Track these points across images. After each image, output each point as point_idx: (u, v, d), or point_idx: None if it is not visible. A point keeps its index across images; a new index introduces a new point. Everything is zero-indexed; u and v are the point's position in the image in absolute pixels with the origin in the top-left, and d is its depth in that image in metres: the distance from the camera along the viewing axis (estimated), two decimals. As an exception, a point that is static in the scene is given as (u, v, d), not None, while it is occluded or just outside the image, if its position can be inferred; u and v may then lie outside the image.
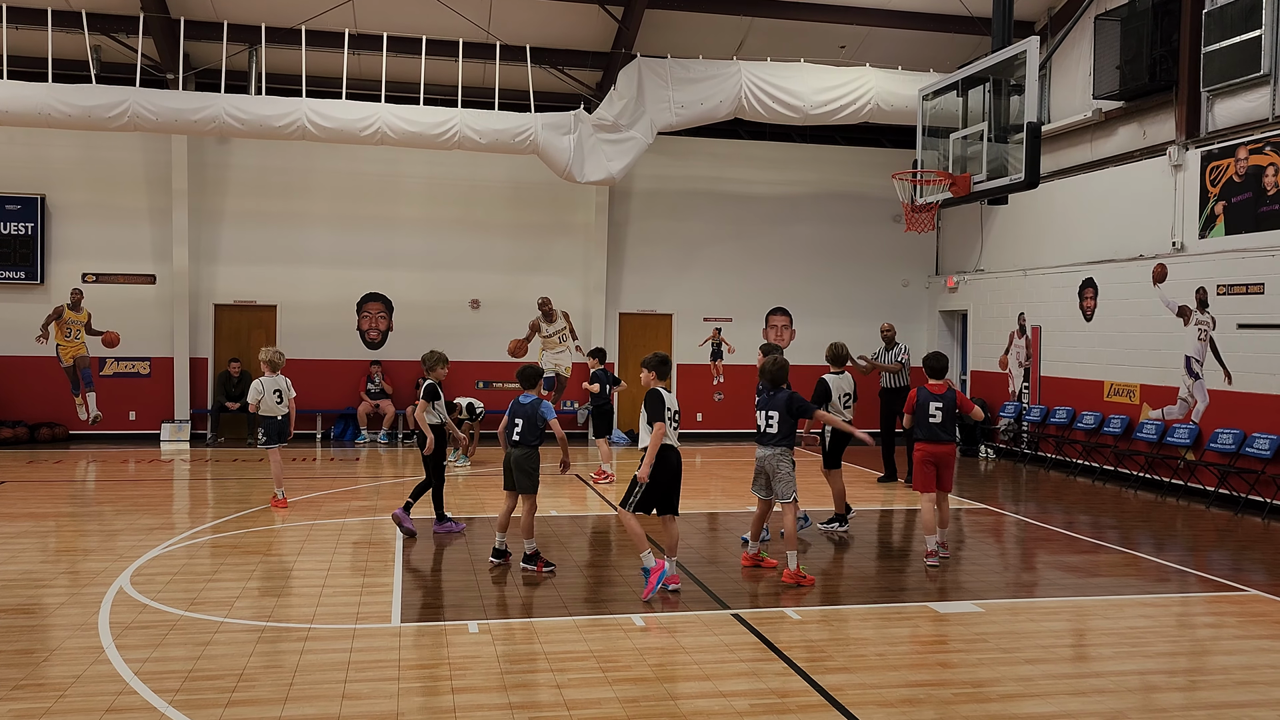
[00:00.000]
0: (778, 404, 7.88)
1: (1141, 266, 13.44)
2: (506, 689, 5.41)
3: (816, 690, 5.46)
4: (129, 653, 5.88)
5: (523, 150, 14.86)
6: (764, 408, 7.97)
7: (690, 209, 18.23)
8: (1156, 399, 13.16)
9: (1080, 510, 11.55)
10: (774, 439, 7.87)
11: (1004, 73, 10.52)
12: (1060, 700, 5.39)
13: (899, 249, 18.71)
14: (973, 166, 10.90)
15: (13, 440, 15.61)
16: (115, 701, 5.14)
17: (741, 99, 14.89)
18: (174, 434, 16.29)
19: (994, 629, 6.68)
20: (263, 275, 16.86)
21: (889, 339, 13.39)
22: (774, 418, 7.87)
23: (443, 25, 14.73)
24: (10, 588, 7.36)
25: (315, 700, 5.20)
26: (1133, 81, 13.49)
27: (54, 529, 9.59)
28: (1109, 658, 6.18)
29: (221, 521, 9.94)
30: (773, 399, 7.94)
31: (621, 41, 15.44)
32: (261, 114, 13.95)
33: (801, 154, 18.60)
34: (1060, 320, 15.14)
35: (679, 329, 18.33)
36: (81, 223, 16.32)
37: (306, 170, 16.86)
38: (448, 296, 17.40)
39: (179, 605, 6.91)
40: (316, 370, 16.92)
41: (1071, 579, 8.25)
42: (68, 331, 15.83)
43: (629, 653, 6.06)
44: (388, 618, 6.74)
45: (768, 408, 7.94)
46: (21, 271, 15.94)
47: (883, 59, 15.81)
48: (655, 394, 7.52)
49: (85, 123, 13.72)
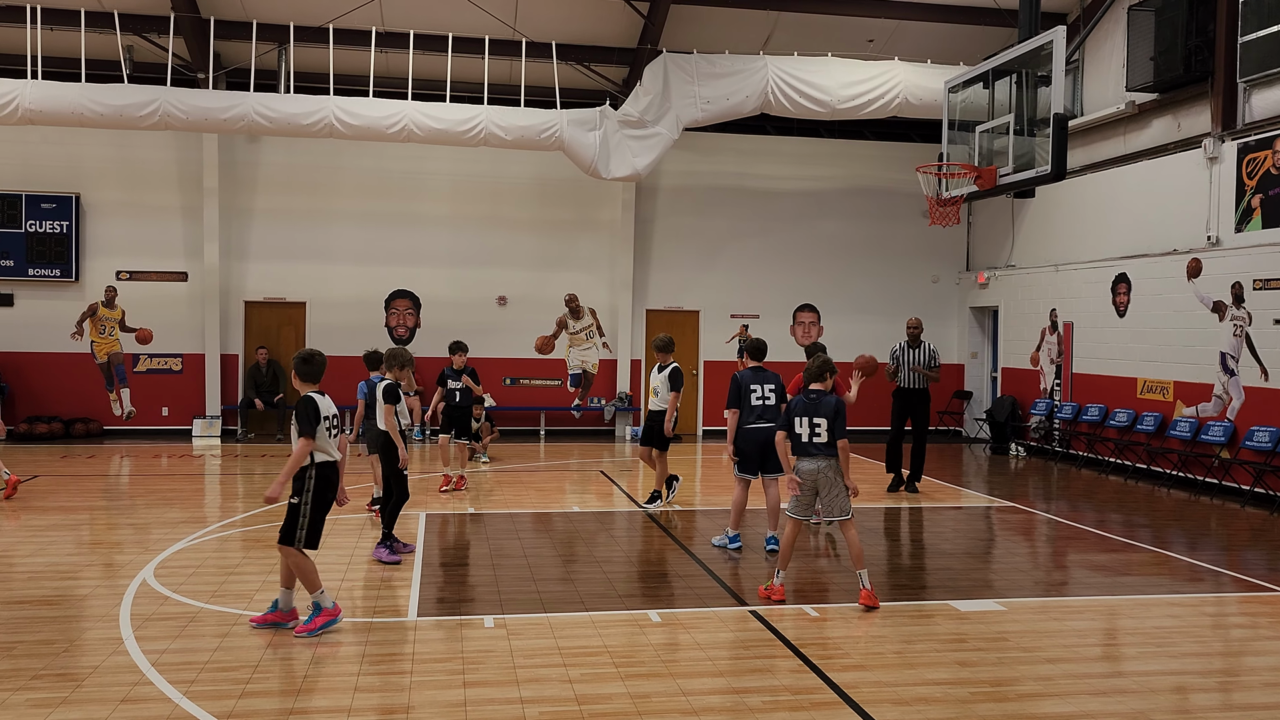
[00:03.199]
0: (826, 410, 7.06)
1: (1175, 261, 13.20)
2: (519, 683, 5.39)
3: (830, 687, 5.40)
4: (148, 644, 5.94)
5: (548, 147, 14.87)
6: (807, 414, 7.07)
7: (717, 205, 18.16)
8: (1191, 396, 12.91)
9: (1111, 509, 11.36)
10: (824, 449, 7.02)
11: (1031, 64, 10.36)
12: (1080, 700, 5.29)
13: (928, 245, 18.52)
14: (999, 160, 10.75)
15: (48, 435, 15.87)
16: (131, 692, 5.18)
17: (768, 94, 14.80)
18: (205, 429, 16.48)
19: (1016, 628, 6.57)
20: (292, 272, 17.01)
21: (914, 336, 12.32)
22: (821, 425, 7.02)
23: (469, 22, 14.77)
24: (37, 579, 7.46)
25: (327, 693, 5.22)
26: (1167, 73, 13.25)
27: (83, 522, 9.72)
28: (1133, 658, 6.06)
29: (248, 515, 10.03)
30: (819, 404, 7.09)
31: (647, 37, 15.39)
32: (290, 112, 14.07)
33: (829, 149, 18.46)
34: (1093, 316, 14.90)
35: (705, 325, 18.27)
36: (115, 221, 16.56)
37: (334, 168, 16.99)
38: (474, 293, 17.46)
39: (200, 598, 6.97)
40: (345, 367, 17.01)
41: (1099, 578, 8.11)
42: (102, 328, 16.06)
43: (643, 648, 6.03)
44: (404, 611, 6.76)
45: (813, 414, 7.07)
46: (57, 269, 16.20)
47: (911, 53, 15.66)
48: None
49: (117, 122, 13.92)
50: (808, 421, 7.06)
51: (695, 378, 18.27)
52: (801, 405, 7.13)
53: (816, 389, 7.21)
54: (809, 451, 7.06)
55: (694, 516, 10.40)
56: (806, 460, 7.06)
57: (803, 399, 7.17)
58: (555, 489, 12.06)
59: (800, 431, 7.07)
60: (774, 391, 8.69)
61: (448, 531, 9.43)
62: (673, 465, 11.27)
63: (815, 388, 7.23)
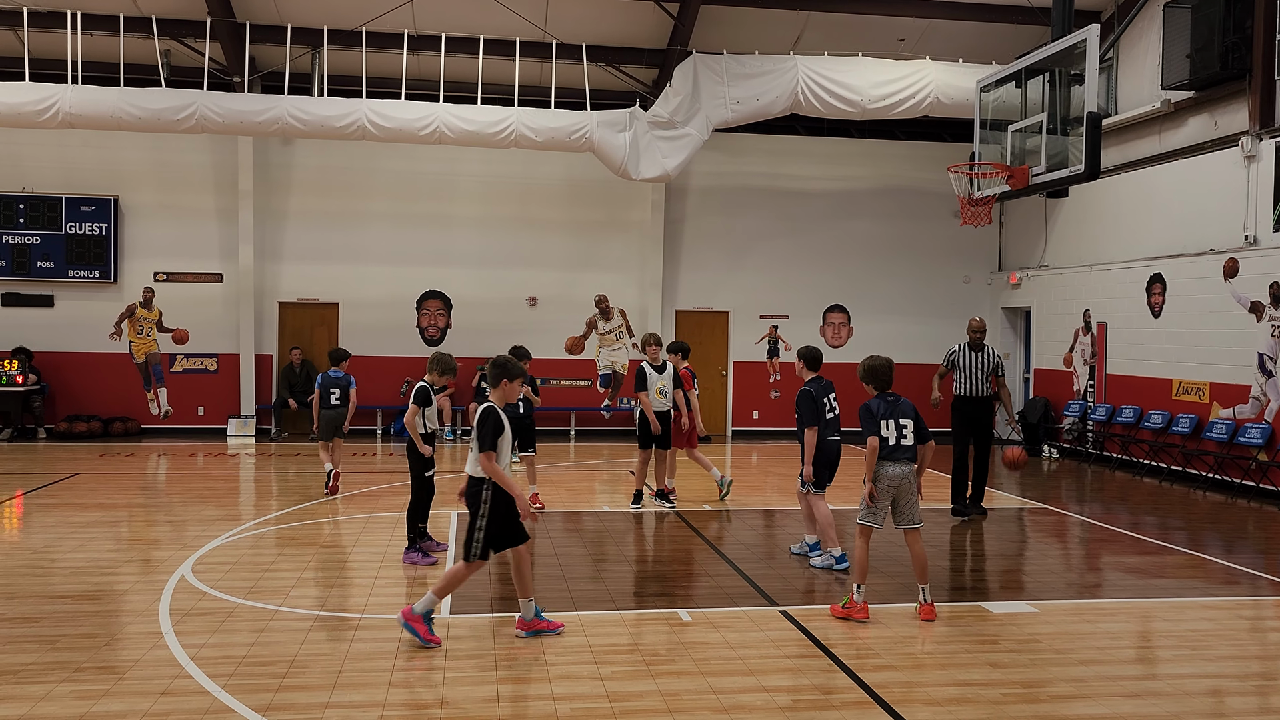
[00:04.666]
0: (908, 411, 6.80)
1: (1212, 261, 13.04)
2: (550, 680, 5.44)
3: (861, 687, 5.40)
4: (187, 638, 6.05)
5: (579, 148, 14.93)
6: (891, 416, 6.75)
7: (746, 205, 18.15)
8: (1227, 398, 12.75)
9: (1146, 511, 11.25)
10: (911, 453, 6.78)
11: (1065, 63, 10.28)
12: (1113, 702, 5.26)
13: (960, 245, 18.41)
14: (1032, 159, 10.68)
15: (87, 434, 16.15)
16: (171, 685, 5.28)
17: (798, 94, 14.78)
18: (240, 429, 16.69)
19: (1048, 630, 6.53)
20: (325, 273, 17.20)
21: (977, 340, 10.55)
22: (908, 426, 6.75)
23: (500, 25, 14.87)
24: (78, 574, 7.61)
25: (363, 688, 5.29)
26: (1203, 70, 13.10)
27: (122, 519, 9.89)
28: (1168, 660, 6.01)
29: (283, 513, 10.16)
30: (899, 406, 6.80)
31: (677, 38, 15.42)
32: (323, 115, 14.22)
33: (859, 149, 18.39)
34: (1127, 317, 14.75)
35: (735, 326, 18.27)
36: (153, 223, 16.83)
37: (367, 170, 17.15)
38: (505, 294, 17.57)
39: (237, 593, 7.08)
40: (377, 367, 17.22)
41: (1133, 580, 8.04)
42: (140, 329, 16.26)
43: (674, 647, 6.06)
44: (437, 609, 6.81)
45: (898, 415, 6.76)
46: (96, 270, 16.48)
47: (943, 52, 15.57)
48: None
49: (155, 125, 14.13)
50: (894, 424, 6.74)
51: (725, 379, 18.28)
52: (882, 408, 6.79)
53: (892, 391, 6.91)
54: (897, 455, 6.72)
55: (721, 516, 10.40)
56: (893, 465, 6.72)
57: (882, 402, 6.83)
58: (585, 488, 12.11)
59: (890, 435, 6.73)
60: (838, 401, 8.44)
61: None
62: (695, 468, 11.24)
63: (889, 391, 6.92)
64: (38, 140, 16.08)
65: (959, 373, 10.55)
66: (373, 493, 11.47)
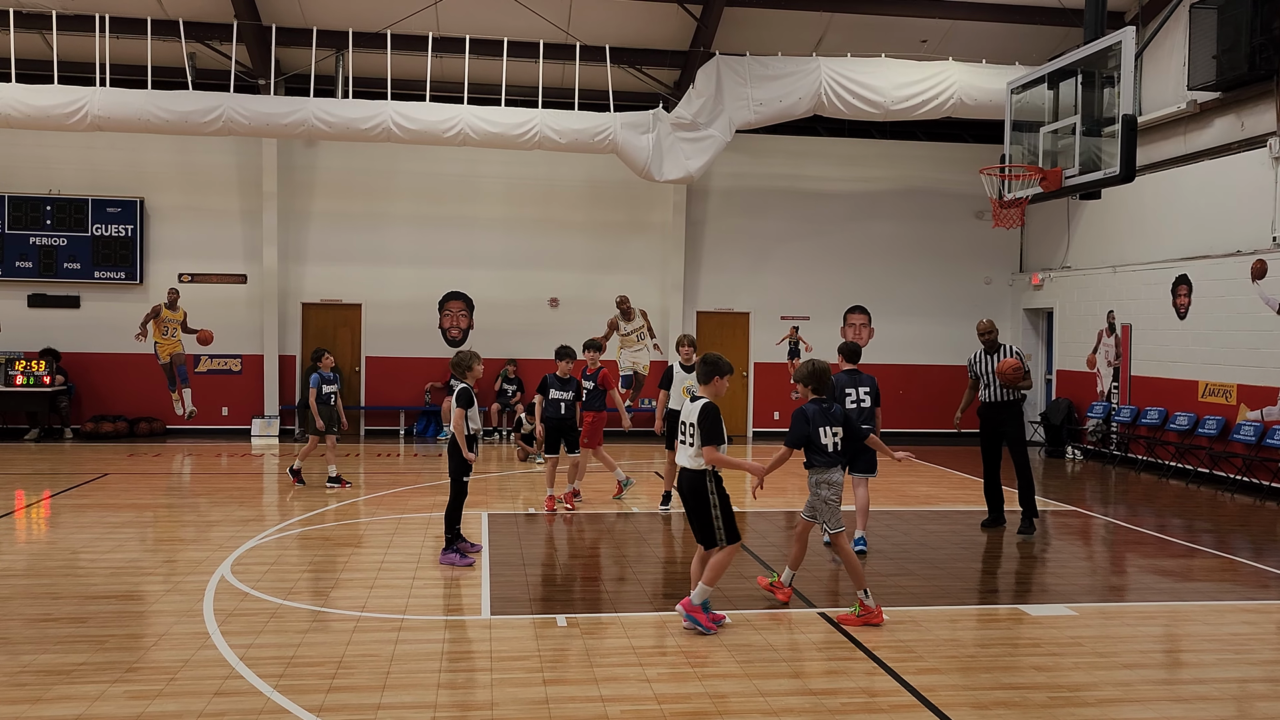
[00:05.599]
0: (838, 419, 6.92)
1: (1239, 262, 13.00)
2: (597, 682, 5.47)
3: (907, 690, 5.41)
4: (233, 639, 6.10)
5: (602, 150, 14.96)
6: (826, 423, 6.85)
7: (768, 207, 18.17)
8: (1255, 399, 12.71)
9: (1173, 513, 11.22)
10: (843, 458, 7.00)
11: (1096, 64, 10.27)
12: (1162, 707, 5.26)
13: (981, 246, 18.39)
14: (1062, 160, 10.67)
15: (113, 434, 16.26)
16: (223, 685, 5.33)
17: (821, 96, 14.78)
18: (264, 429, 16.78)
19: (1088, 633, 6.54)
20: (348, 274, 17.28)
21: (990, 341, 9.94)
22: (838, 434, 6.90)
23: (523, 27, 14.91)
24: (119, 575, 7.67)
25: (412, 689, 5.33)
26: (1230, 71, 13.05)
27: (156, 520, 9.96)
28: (1211, 664, 6.01)
29: (312, 514, 10.22)
30: (833, 414, 6.90)
31: (700, 40, 15.44)
32: (348, 117, 14.29)
33: (881, 150, 18.39)
34: (1152, 318, 14.71)
35: (756, 327, 18.29)
36: (178, 224, 16.93)
37: (390, 171, 17.23)
38: (527, 295, 17.62)
39: (277, 594, 7.13)
40: (399, 368, 17.30)
41: (1166, 583, 8.03)
42: (165, 330, 16.42)
43: (716, 648, 6.08)
44: (477, 610, 6.86)
45: (831, 423, 6.86)
46: (122, 272, 16.59)
47: (966, 53, 15.56)
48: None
49: (183, 128, 14.21)
50: (830, 431, 6.83)
51: (745, 379, 18.29)
52: (818, 416, 6.83)
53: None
54: (835, 462, 6.86)
55: (747, 518, 10.42)
56: (836, 471, 6.89)
57: (816, 407, 6.85)
58: (610, 489, 12.12)
59: (826, 442, 6.82)
60: (869, 394, 8.71)
61: (509, 531, 9.54)
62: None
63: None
64: (64, 143, 16.19)
65: (981, 379, 10.01)
66: (401, 493, 11.52)
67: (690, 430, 6.44)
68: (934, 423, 18.08)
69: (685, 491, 6.48)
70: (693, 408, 6.46)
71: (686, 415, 6.50)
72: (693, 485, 6.42)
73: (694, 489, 6.42)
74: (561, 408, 10.49)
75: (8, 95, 13.74)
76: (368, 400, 17.43)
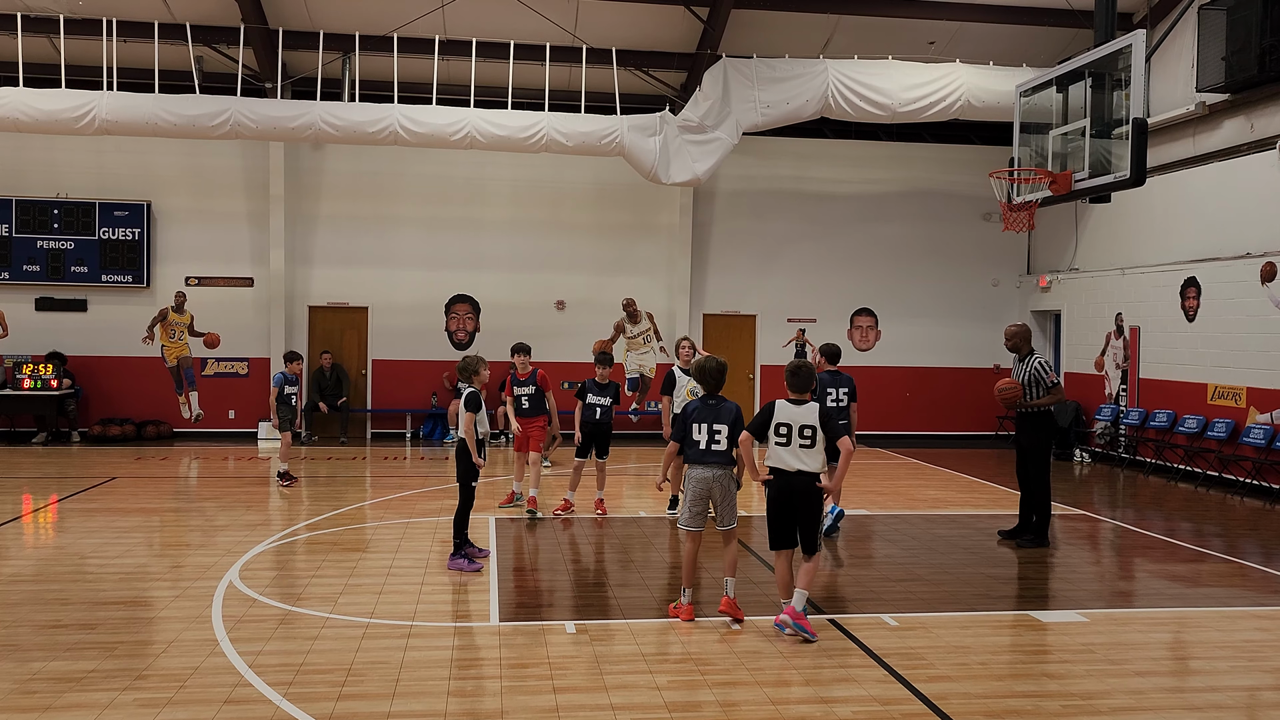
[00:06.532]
0: (726, 417, 6.84)
1: (1248, 265, 12.94)
2: (607, 689, 5.45)
3: (919, 698, 5.39)
4: (242, 645, 6.09)
5: (609, 152, 14.95)
6: (706, 420, 6.81)
7: (774, 209, 18.14)
8: (1265, 402, 12.66)
9: (1182, 517, 11.18)
10: (722, 457, 6.89)
11: (1106, 67, 10.22)
12: (1175, 715, 5.23)
13: (989, 248, 18.35)
14: (1072, 163, 10.63)
15: (120, 437, 16.28)
16: (233, 693, 5.32)
17: (828, 98, 14.75)
18: (270, 432, 16.75)
19: (1100, 639, 6.50)
20: (355, 277, 17.28)
21: (1011, 347, 9.63)
22: (721, 432, 6.83)
23: (530, 30, 14.90)
24: (128, 580, 7.67)
25: (422, 696, 5.32)
26: (1240, 73, 13.01)
27: (165, 525, 9.97)
28: (1224, 671, 5.97)
29: (318, 519, 10.21)
30: (720, 410, 6.86)
31: (707, 42, 15.42)
32: (356, 120, 14.29)
33: (887, 152, 18.35)
34: (1161, 321, 14.66)
35: (763, 330, 18.25)
36: (184, 227, 16.95)
37: (396, 174, 17.23)
38: (533, 297, 17.60)
39: (285, 600, 7.12)
40: (406, 371, 17.30)
41: (1176, 588, 8.00)
42: (172, 333, 16.37)
43: (725, 656, 6.06)
44: (486, 616, 6.85)
45: (712, 420, 6.81)
46: (129, 275, 16.61)
47: (973, 55, 15.52)
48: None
49: (190, 131, 14.22)
50: (707, 429, 6.78)
51: (752, 382, 18.26)
52: (700, 412, 6.81)
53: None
54: (705, 460, 6.78)
55: (752, 523, 10.38)
56: (703, 469, 6.79)
57: (701, 405, 6.85)
58: (616, 494, 12.11)
59: (699, 439, 6.78)
60: (846, 394, 8.72)
61: (516, 536, 9.53)
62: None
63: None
64: (72, 146, 16.22)
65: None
66: (408, 497, 11.52)
67: (809, 433, 6.43)
68: (941, 425, 18.05)
69: (799, 493, 6.44)
70: (801, 410, 6.48)
71: (795, 418, 6.46)
72: (809, 488, 6.44)
73: (810, 492, 6.44)
74: (597, 412, 10.42)
75: (16, 99, 13.76)
76: (374, 403, 17.43)
